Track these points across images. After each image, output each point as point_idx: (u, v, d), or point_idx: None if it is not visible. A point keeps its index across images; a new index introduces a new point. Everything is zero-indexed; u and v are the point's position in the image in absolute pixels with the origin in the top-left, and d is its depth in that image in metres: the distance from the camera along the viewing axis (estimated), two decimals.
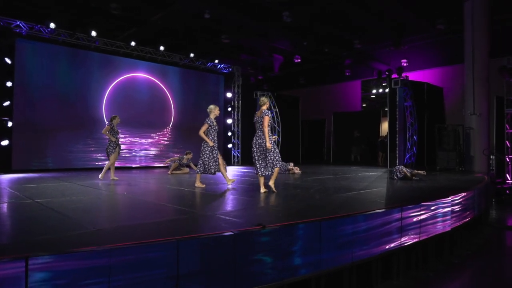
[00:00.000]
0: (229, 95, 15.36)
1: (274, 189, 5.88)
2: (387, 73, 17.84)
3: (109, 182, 7.58)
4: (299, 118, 17.76)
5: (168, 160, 11.55)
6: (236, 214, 4.07)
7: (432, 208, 5.06)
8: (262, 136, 5.76)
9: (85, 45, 11.51)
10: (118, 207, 4.96)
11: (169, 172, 10.27)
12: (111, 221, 3.62)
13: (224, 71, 15.24)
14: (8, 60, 10.09)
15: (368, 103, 20.25)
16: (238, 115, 15.57)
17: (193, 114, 14.13)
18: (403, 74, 15.42)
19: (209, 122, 6.51)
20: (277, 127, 15.82)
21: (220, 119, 15.19)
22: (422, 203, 4.88)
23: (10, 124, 10.14)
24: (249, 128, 15.97)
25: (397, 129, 12.53)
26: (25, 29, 10.28)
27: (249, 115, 15.86)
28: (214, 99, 14.96)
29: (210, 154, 6.51)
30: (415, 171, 8.51)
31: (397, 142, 12.50)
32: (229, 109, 15.39)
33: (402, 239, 4.52)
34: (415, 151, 12.95)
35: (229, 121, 15.35)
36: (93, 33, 11.28)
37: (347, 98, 19.63)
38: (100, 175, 8.13)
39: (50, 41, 10.89)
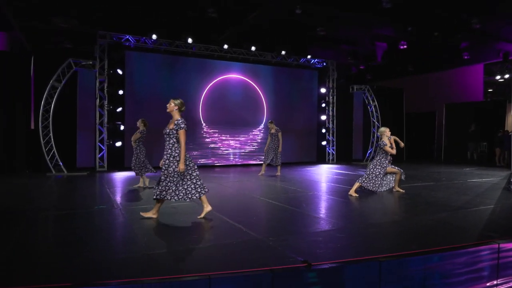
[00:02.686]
0: (323, 90, 14.80)
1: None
2: None
3: None
4: (403, 111, 16.18)
5: None
6: (291, 242, 3.78)
7: None
8: (174, 154, 4.59)
9: (183, 52, 12.34)
10: (184, 223, 4.96)
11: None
12: (168, 243, 3.74)
13: (318, 65, 14.71)
14: (119, 71, 11.43)
15: (494, 90, 17.33)
16: (332, 111, 14.92)
17: (286, 111, 14.04)
18: None
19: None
20: (376, 122, 14.69)
21: (314, 116, 14.80)
22: None
23: (122, 127, 11.52)
24: (344, 124, 15.30)
25: None
26: (132, 42, 11.46)
27: (344, 111, 15.22)
28: (308, 95, 14.61)
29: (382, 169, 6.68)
30: None
31: None
32: (323, 105, 14.85)
33: (499, 281, 3.68)
34: None
35: (323, 117, 14.82)
36: (189, 40, 11.98)
37: (464, 86, 17.08)
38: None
39: (153, 51, 11.95)
